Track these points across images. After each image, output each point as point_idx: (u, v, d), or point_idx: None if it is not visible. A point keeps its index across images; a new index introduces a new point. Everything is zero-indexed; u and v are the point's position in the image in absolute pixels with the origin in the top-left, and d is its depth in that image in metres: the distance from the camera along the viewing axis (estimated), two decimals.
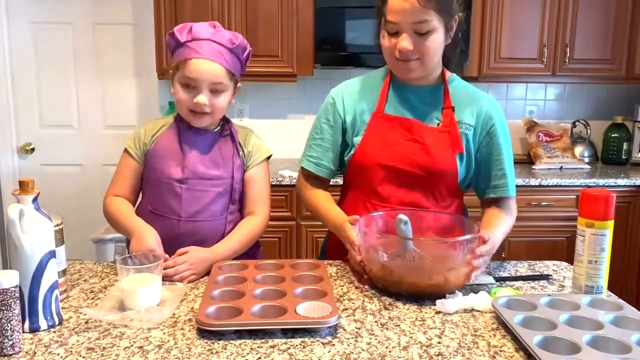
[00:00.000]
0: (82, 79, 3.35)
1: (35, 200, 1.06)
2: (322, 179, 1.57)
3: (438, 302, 1.19)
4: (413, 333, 1.08)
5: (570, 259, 1.59)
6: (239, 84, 1.54)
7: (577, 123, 3.46)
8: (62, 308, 1.16)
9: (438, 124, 1.47)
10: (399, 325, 1.12)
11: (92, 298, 1.24)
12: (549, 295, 1.20)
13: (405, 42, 1.35)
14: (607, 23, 3.10)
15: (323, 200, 1.54)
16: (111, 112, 3.40)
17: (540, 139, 3.30)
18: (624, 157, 3.35)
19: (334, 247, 1.55)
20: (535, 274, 1.44)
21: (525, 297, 1.19)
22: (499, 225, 1.44)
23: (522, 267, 1.49)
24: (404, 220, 1.23)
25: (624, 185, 2.91)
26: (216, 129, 1.56)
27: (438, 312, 1.18)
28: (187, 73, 1.43)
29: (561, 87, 3.50)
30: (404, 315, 1.16)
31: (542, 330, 1.05)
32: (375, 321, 1.13)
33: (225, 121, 1.58)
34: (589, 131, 3.42)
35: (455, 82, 1.52)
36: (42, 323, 1.07)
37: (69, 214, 1.05)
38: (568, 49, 3.08)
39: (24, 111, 3.37)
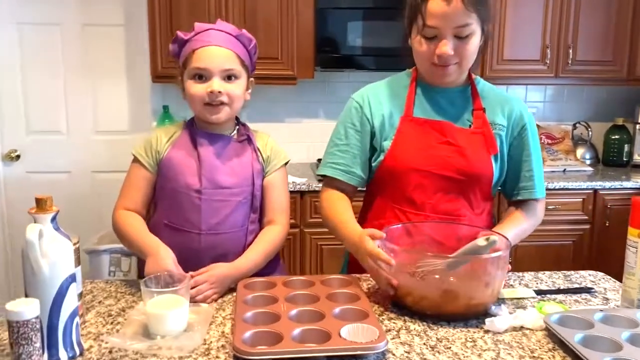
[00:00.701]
0: (70, 82, 3.20)
1: (54, 219, 0.95)
2: (348, 188, 1.47)
3: (487, 320, 1.11)
4: (467, 356, 1.01)
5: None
6: (251, 78, 1.46)
7: (577, 125, 3.43)
8: (81, 335, 1.05)
9: (470, 126, 1.41)
10: (449, 347, 1.04)
11: (112, 323, 1.13)
12: (601, 310, 1.13)
13: (446, 47, 1.29)
14: (608, 24, 3.07)
15: (342, 213, 1.41)
16: (101, 117, 3.25)
17: (543, 141, 3.26)
18: (624, 159, 3.33)
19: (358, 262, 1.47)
20: (574, 286, 1.38)
21: (578, 314, 1.12)
22: (512, 228, 1.39)
23: (559, 279, 1.43)
24: (496, 241, 1.13)
25: (629, 188, 2.89)
26: (232, 133, 1.47)
27: (487, 332, 1.11)
28: (197, 63, 1.36)
29: (560, 89, 3.47)
30: (452, 336, 1.08)
31: (604, 350, 0.99)
32: (424, 343, 1.05)
33: (241, 125, 1.50)
34: (590, 133, 3.39)
35: (482, 84, 1.48)
36: (62, 355, 0.96)
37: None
38: (571, 51, 3.05)
39: (9, 116, 3.19)
